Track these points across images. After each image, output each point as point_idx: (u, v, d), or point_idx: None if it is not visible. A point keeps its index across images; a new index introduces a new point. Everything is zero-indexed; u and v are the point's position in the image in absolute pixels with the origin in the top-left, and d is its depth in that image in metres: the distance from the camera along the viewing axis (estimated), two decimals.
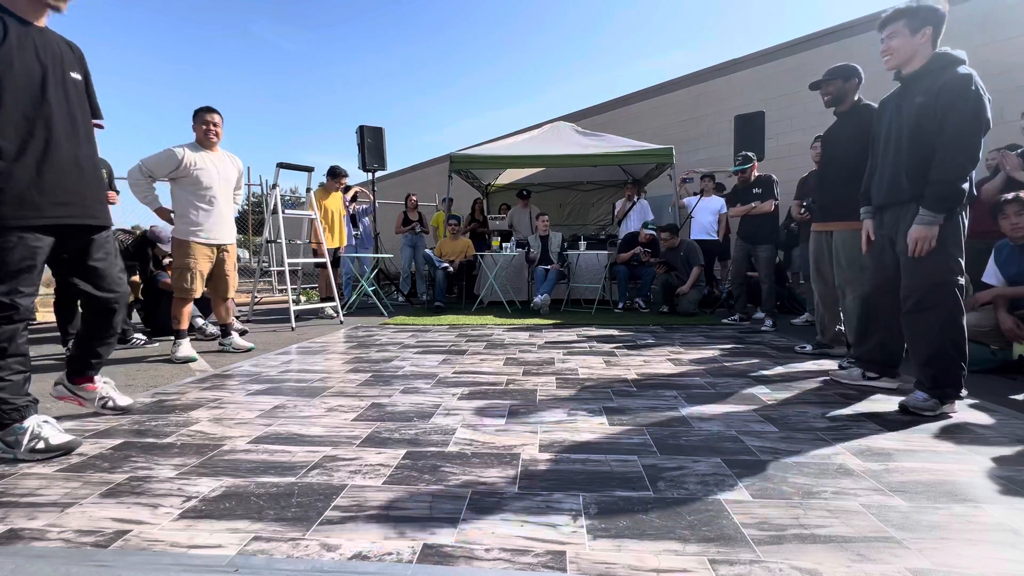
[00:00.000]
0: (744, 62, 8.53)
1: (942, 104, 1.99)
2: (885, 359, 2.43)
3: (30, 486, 1.44)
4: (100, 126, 1.97)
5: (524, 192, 7.92)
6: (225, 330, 3.65)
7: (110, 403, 2.11)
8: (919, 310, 2.08)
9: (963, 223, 2.06)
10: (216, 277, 3.47)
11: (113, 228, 2.22)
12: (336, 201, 6.21)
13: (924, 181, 2.05)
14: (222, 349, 3.61)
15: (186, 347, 3.27)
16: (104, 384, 2.12)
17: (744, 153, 4.72)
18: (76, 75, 1.80)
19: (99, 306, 1.93)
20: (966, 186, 1.97)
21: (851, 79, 2.90)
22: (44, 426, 1.69)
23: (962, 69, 1.99)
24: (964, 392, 2.06)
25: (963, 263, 2.04)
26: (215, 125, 3.36)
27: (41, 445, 1.65)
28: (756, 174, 4.64)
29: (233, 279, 3.59)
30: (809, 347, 3.37)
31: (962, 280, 2.03)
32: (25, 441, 1.63)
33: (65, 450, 1.68)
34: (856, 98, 2.93)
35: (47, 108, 1.68)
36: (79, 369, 2.05)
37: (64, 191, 1.73)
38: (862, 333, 2.50)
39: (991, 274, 2.96)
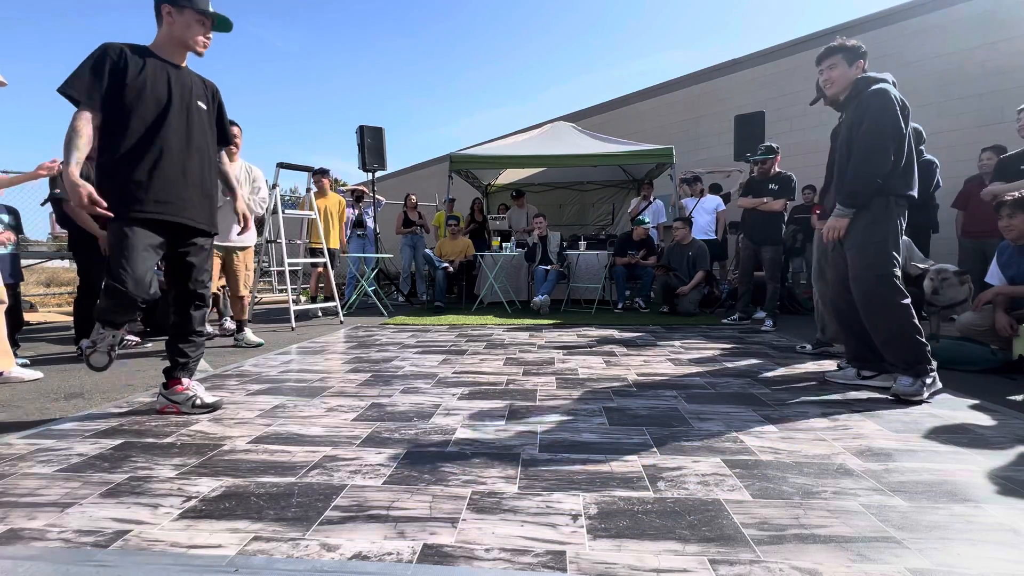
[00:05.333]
0: (744, 62, 8.54)
1: (857, 119, 2.31)
2: (875, 355, 2.45)
3: (30, 486, 1.44)
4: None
5: (515, 192, 7.93)
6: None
7: (198, 401, 2.10)
8: (869, 299, 2.31)
9: (901, 224, 2.33)
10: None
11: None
12: (328, 200, 6.26)
13: None
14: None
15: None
16: (193, 384, 2.14)
17: (768, 144, 4.54)
18: (202, 104, 2.08)
19: (190, 299, 2.12)
20: (873, 186, 2.25)
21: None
22: None
23: (874, 87, 2.28)
24: (934, 364, 2.24)
25: (898, 258, 2.31)
26: None
27: None
28: (777, 169, 4.45)
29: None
30: (809, 346, 3.37)
31: (898, 271, 2.29)
32: None
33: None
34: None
35: (166, 128, 1.94)
36: (169, 371, 2.13)
37: (166, 193, 1.94)
38: (844, 334, 2.63)
39: (993, 275, 2.97)
